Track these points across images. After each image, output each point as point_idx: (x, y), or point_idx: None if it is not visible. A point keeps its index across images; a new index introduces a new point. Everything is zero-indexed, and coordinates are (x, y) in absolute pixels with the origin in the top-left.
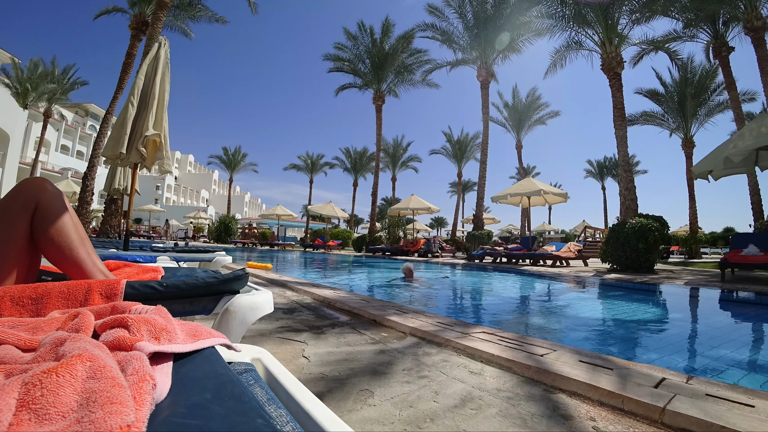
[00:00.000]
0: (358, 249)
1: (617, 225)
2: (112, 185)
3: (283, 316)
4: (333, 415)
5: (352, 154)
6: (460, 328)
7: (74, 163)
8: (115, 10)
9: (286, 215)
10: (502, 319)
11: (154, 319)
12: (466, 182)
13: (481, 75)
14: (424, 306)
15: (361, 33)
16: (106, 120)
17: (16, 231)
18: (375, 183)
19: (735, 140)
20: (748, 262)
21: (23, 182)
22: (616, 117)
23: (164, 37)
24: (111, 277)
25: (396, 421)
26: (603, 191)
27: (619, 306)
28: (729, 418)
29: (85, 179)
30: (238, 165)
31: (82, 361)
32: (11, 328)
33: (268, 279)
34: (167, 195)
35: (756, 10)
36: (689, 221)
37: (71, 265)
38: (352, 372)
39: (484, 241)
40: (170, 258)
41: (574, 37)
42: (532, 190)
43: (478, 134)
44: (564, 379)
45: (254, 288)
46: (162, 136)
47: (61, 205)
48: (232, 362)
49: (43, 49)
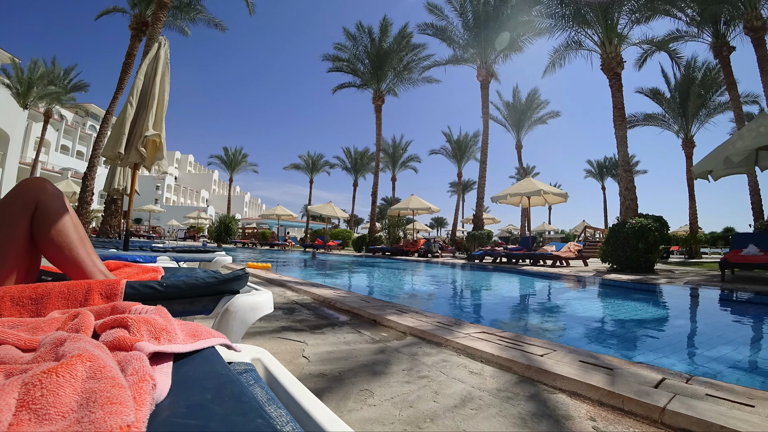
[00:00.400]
0: (358, 249)
1: (617, 225)
2: (112, 185)
3: (283, 316)
4: (333, 415)
5: (352, 153)
6: (460, 328)
7: (74, 163)
8: (116, 11)
9: (286, 215)
10: (502, 319)
11: (154, 319)
12: (466, 182)
13: (480, 74)
14: (423, 306)
15: (360, 33)
16: (106, 120)
17: (16, 231)
18: (375, 183)
19: (735, 140)
20: (748, 262)
21: (23, 182)
22: (616, 117)
23: (164, 37)
24: (111, 278)
25: (396, 421)
26: (603, 191)
27: (619, 306)
28: (729, 419)
29: (85, 179)
30: (239, 165)
31: (82, 361)
32: (11, 328)
33: (268, 279)
34: (167, 195)
35: (756, 10)
36: (689, 221)
37: (71, 265)
38: (352, 372)
39: (484, 241)
40: (170, 258)
41: (574, 37)
42: (531, 190)
43: (478, 134)
44: (564, 379)
45: (254, 288)
46: (161, 136)
47: (61, 205)
48: (232, 362)
49: (43, 49)
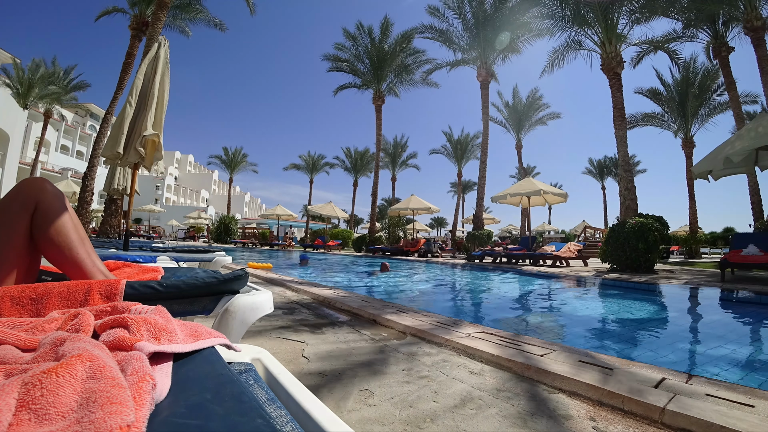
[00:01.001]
0: (358, 249)
1: (617, 225)
2: (112, 185)
3: (282, 316)
4: (333, 415)
5: (352, 153)
6: (460, 328)
7: (74, 163)
8: (116, 11)
9: (286, 215)
10: (501, 319)
11: (154, 319)
12: (466, 182)
13: (480, 75)
14: (423, 305)
15: (361, 33)
16: (105, 120)
17: (16, 231)
18: (375, 183)
19: (735, 140)
20: (747, 262)
21: (23, 182)
22: (616, 117)
23: (164, 37)
24: (111, 278)
25: (396, 421)
26: (603, 191)
27: (619, 306)
28: (729, 418)
29: (84, 179)
30: (239, 165)
31: (82, 361)
32: (11, 328)
33: (268, 279)
34: (167, 195)
35: (756, 10)
36: (689, 221)
37: (71, 266)
38: (352, 372)
39: (484, 241)
40: (170, 258)
41: (574, 37)
42: (531, 190)
43: (478, 134)
44: (564, 379)
45: (254, 288)
46: (160, 136)
47: (61, 206)
48: (232, 362)
49: (43, 49)
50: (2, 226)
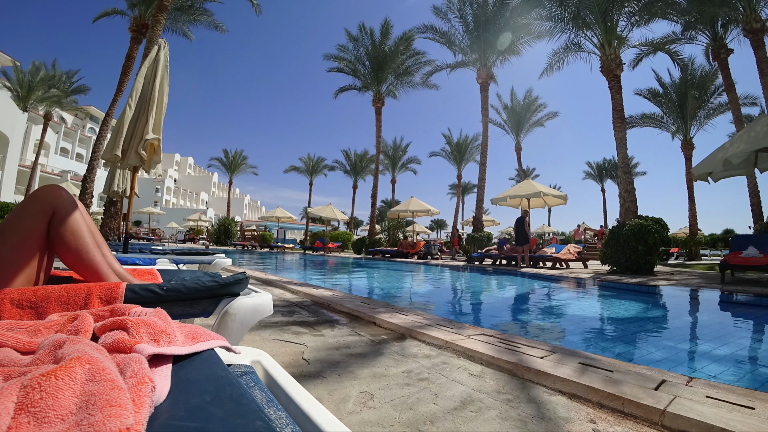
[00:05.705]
0: (358, 251)
1: (617, 227)
2: (112, 188)
3: (282, 318)
4: (332, 418)
5: (351, 156)
6: (460, 330)
7: (74, 165)
8: (115, 13)
9: (285, 217)
10: (501, 321)
11: (154, 322)
12: (465, 184)
13: (480, 77)
14: (423, 307)
15: (362, 34)
16: (105, 123)
17: (34, 235)
18: (374, 185)
19: (734, 142)
20: (747, 263)
21: (40, 189)
22: (615, 119)
23: (164, 40)
24: (128, 279)
25: (396, 424)
26: (602, 193)
27: (619, 308)
28: (729, 420)
29: (84, 182)
30: (238, 167)
31: (81, 364)
32: (10, 330)
33: (267, 281)
34: (167, 197)
35: (755, 12)
36: (689, 223)
37: (86, 268)
38: (352, 374)
39: (484, 243)
40: (170, 260)
41: (573, 39)
42: (531, 192)
43: (478, 136)
44: (564, 381)
45: (254, 290)
46: (160, 139)
47: (76, 212)
48: (232, 364)
49: (43, 52)
50: (21, 230)
